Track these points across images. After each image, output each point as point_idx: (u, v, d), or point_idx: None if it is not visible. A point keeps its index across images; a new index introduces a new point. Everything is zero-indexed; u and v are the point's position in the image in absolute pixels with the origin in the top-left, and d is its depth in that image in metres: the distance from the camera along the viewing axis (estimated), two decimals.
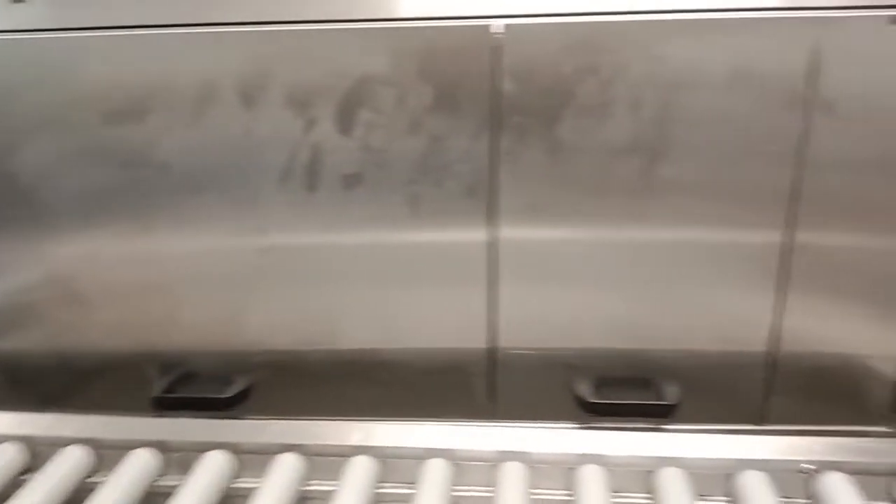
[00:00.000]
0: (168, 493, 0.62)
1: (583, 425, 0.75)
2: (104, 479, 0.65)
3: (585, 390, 0.74)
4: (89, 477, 0.66)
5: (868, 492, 0.66)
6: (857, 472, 0.66)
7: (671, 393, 0.73)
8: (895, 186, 0.67)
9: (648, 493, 0.66)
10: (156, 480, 0.66)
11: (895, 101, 0.64)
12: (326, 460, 0.68)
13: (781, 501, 0.65)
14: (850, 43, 0.63)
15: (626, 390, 0.74)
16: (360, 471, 0.66)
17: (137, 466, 0.65)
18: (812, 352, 0.72)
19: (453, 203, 0.68)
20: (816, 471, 0.65)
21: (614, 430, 0.71)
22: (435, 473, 0.65)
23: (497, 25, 0.63)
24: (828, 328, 0.72)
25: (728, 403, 0.75)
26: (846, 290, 0.70)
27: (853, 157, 0.66)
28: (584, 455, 0.67)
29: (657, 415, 0.73)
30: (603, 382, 0.74)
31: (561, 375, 0.75)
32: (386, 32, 0.64)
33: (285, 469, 0.65)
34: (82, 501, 0.61)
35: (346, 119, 0.67)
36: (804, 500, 0.66)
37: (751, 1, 0.64)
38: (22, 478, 0.66)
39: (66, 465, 0.65)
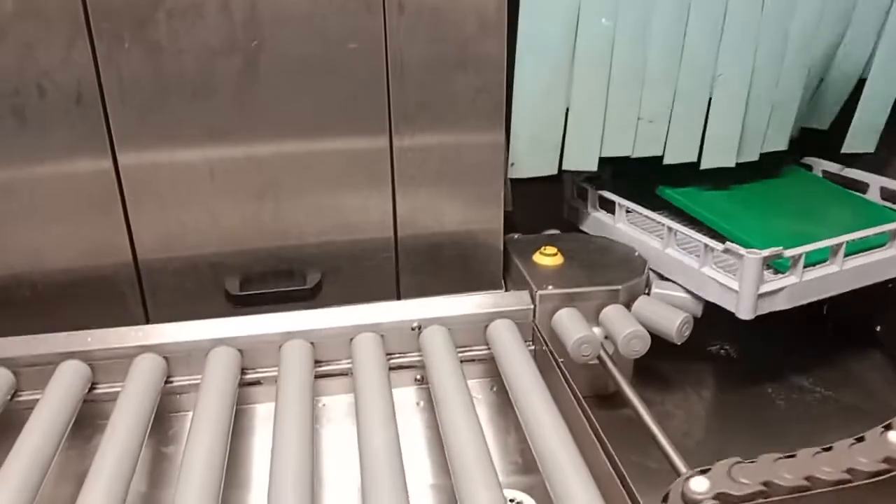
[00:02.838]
0: None
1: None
2: None
3: (232, 285, 0.79)
4: None
5: (470, 338, 0.79)
6: (458, 325, 0.78)
7: (312, 279, 0.81)
8: (466, 83, 0.76)
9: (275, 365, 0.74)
10: None
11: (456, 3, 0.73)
12: None
13: (396, 353, 0.76)
14: None
15: (270, 281, 0.81)
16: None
17: None
18: (429, 233, 0.83)
19: (61, 115, 0.69)
20: (420, 326, 0.77)
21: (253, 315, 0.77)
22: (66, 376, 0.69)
23: None
24: (437, 212, 0.82)
25: (368, 286, 0.84)
26: (446, 179, 0.81)
27: (429, 60, 0.75)
28: (218, 340, 0.73)
29: (301, 299, 0.81)
30: (249, 278, 0.80)
31: (210, 277, 0.80)
32: None
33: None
34: None
35: None
36: (416, 351, 0.78)
37: None
38: None
39: None
